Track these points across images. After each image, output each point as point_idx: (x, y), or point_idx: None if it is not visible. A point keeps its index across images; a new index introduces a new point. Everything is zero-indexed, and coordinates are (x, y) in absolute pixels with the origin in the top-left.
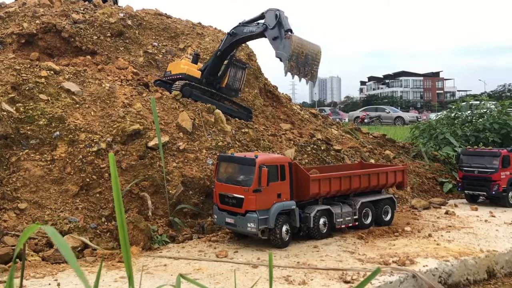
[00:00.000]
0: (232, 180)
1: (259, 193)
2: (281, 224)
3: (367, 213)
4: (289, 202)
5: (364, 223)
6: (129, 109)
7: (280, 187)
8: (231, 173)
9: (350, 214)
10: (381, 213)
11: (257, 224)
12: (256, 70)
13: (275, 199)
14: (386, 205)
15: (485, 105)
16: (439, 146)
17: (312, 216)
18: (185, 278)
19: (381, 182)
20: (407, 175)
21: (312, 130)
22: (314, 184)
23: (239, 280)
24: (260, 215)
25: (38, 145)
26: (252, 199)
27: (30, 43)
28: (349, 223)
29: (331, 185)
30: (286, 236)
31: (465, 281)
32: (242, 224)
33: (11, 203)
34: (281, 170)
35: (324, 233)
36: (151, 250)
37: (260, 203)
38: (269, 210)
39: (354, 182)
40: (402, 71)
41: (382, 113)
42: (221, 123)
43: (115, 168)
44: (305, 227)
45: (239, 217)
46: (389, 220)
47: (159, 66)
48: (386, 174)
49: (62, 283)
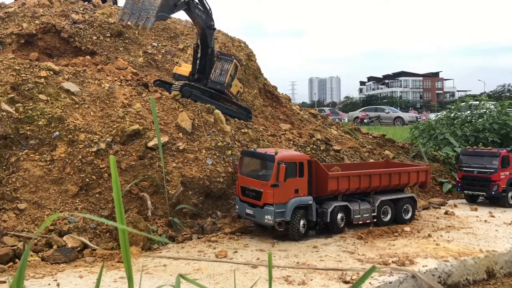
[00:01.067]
0: (252, 174)
1: (276, 188)
2: (298, 218)
3: (386, 211)
4: (306, 197)
5: (383, 220)
6: (128, 109)
7: (298, 183)
8: (252, 167)
9: (368, 211)
10: (401, 211)
11: (274, 217)
12: (255, 70)
13: (292, 194)
14: (407, 204)
15: (484, 105)
16: (438, 146)
17: (330, 212)
18: (185, 278)
19: (402, 181)
20: (430, 176)
21: (311, 130)
22: (332, 181)
23: (239, 280)
24: (277, 209)
25: (38, 145)
26: (270, 193)
27: (29, 43)
28: (367, 220)
29: (349, 183)
30: (303, 229)
31: (464, 281)
32: (260, 216)
33: (10, 203)
34: (299, 167)
35: (341, 227)
36: (150, 250)
37: (277, 197)
38: (286, 204)
39: (374, 181)
40: (401, 71)
41: (382, 113)
42: (221, 123)
43: (115, 170)
44: (321, 221)
45: (257, 209)
46: (409, 218)
47: (158, 66)
48: (408, 174)
49: (61, 283)
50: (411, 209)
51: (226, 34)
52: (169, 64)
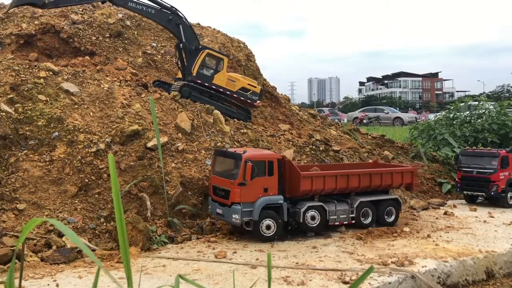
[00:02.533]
0: (223, 173)
1: (243, 187)
2: (264, 217)
3: (366, 213)
4: (276, 196)
5: (363, 223)
6: (128, 109)
7: (267, 182)
8: (223, 167)
9: (345, 212)
10: (383, 213)
11: (241, 216)
12: (255, 71)
13: (261, 193)
14: (390, 206)
15: (483, 105)
16: (437, 146)
17: (302, 212)
18: (184, 278)
19: (385, 182)
20: (417, 177)
21: (311, 131)
22: (305, 181)
23: (238, 281)
24: (244, 208)
25: (37, 146)
26: (237, 191)
27: (29, 44)
28: (344, 221)
29: (325, 183)
30: (268, 232)
31: (464, 282)
32: (228, 215)
33: (10, 204)
34: (269, 166)
35: (314, 227)
36: (150, 250)
37: (244, 196)
38: (254, 203)
39: (352, 182)
40: (401, 72)
41: (381, 113)
42: (220, 124)
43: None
44: (293, 221)
45: (226, 208)
46: (392, 222)
47: (158, 66)
48: (391, 175)
49: (61, 283)
50: (395, 212)
51: (225, 34)
52: (168, 64)
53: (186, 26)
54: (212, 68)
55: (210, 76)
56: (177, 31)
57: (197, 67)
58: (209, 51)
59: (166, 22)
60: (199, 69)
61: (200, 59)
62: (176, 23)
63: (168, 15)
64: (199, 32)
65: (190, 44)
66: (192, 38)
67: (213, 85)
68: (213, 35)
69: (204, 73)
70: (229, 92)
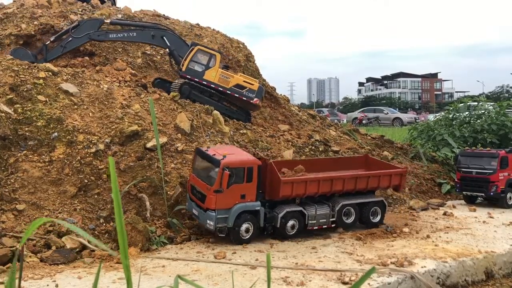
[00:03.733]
0: (201, 174)
1: (220, 194)
2: (242, 223)
3: (349, 212)
4: (253, 203)
5: (345, 222)
6: (127, 110)
7: (245, 188)
8: (201, 167)
9: (326, 216)
10: (368, 214)
11: (215, 223)
12: (254, 71)
13: (237, 200)
14: (375, 206)
15: (483, 106)
16: (437, 147)
17: (280, 217)
18: (183, 279)
19: (371, 185)
20: (406, 179)
21: (310, 131)
22: (285, 186)
23: (237, 281)
24: (219, 214)
25: (36, 146)
26: (213, 198)
27: (28, 44)
28: (324, 225)
29: (306, 188)
30: (246, 234)
31: (463, 282)
32: (203, 219)
33: (9, 204)
34: (248, 172)
35: (292, 234)
36: (149, 251)
37: (220, 203)
38: (230, 210)
39: (336, 185)
40: (400, 72)
41: (380, 114)
42: (219, 124)
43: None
44: (270, 226)
45: (201, 211)
46: (378, 222)
47: (157, 67)
48: (378, 178)
49: (60, 284)
50: (380, 212)
51: (224, 35)
52: (168, 65)
53: (170, 34)
54: (203, 64)
55: (201, 72)
56: (162, 43)
57: (187, 63)
58: (200, 47)
59: (150, 39)
60: (189, 65)
61: (191, 55)
62: (160, 37)
63: (150, 32)
64: (199, 32)
65: (178, 50)
66: (180, 44)
67: (204, 80)
68: (212, 36)
69: (195, 69)
70: (221, 89)
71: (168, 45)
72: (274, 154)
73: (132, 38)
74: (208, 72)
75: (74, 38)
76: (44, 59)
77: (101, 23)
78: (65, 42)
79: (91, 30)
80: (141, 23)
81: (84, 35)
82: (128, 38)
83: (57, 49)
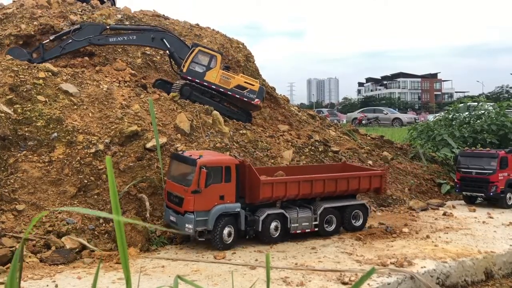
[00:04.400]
0: (177, 178)
1: (198, 194)
2: (223, 226)
3: (330, 220)
4: (233, 204)
5: (326, 230)
6: (127, 110)
7: (224, 189)
8: (177, 171)
9: (308, 219)
10: (349, 218)
11: (194, 225)
12: (254, 71)
13: (216, 201)
14: (356, 210)
15: (483, 106)
16: (437, 147)
17: (262, 220)
18: (183, 279)
19: (351, 187)
20: (386, 181)
21: (310, 132)
22: (265, 188)
23: (237, 282)
24: (198, 217)
25: (36, 147)
26: (191, 199)
27: (28, 45)
28: (306, 229)
29: (287, 190)
30: (228, 238)
31: (463, 282)
32: (181, 223)
33: (9, 205)
34: (226, 171)
35: (275, 237)
36: (149, 251)
37: (198, 205)
38: (209, 212)
39: (316, 187)
40: (400, 72)
41: (380, 114)
42: (219, 125)
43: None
44: (252, 230)
45: (179, 216)
46: (360, 226)
47: (157, 67)
48: (358, 179)
49: (59, 284)
50: (362, 216)
51: (224, 35)
52: (167, 65)
53: (170, 36)
54: (204, 65)
55: (202, 73)
56: (162, 45)
57: (188, 64)
58: (200, 48)
59: (150, 42)
60: (190, 66)
61: (192, 56)
62: (160, 39)
63: (150, 34)
64: (198, 33)
65: (178, 51)
66: (180, 45)
67: (204, 81)
68: (212, 36)
69: (196, 70)
70: (222, 90)
71: (168, 47)
72: (274, 154)
73: (132, 41)
74: (209, 73)
75: (74, 40)
76: (41, 58)
77: (103, 28)
78: (64, 43)
79: (92, 35)
80: (140, 26)
81: (85, 39)
82: (128, 42)
83: (56, 49)
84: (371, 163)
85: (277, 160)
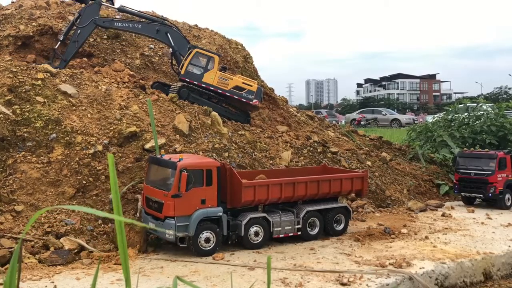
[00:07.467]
0: (156, 183)
1: (178, 199)
2: (203, 229)
3: (313, 223)
4: (215, 209)
5: (309, 234)
6: (125, 111)
7: (205, 192)
8: (156, 176)
9: (291, 223)
10: (331, 222)
11: (175, 231)
12: (252, 72)
13: (198, 205)
14: (339, 214)
15: (482, 107)
16: (435, 148)
17: (244, 224)
18: (182, 280)
19: (333, 189)
20: (367, 183)
21: (308, 132)
22: (247, 191)
23: (236, 283)
24: (179, 222)
25: (35, 147)
26: (171, 204)
27: (26, 45)
28: (289, 233)
29: (269, 193)
30: (208, 245)
31: (461, 283)
32: (161, 230)
33: (7, 206)
34: (207, 175)
35: (258, 243)
36: (147, 252)
37: (179, 209)
38: (190, 217)
39: (298, 190)
40: (398, 73)
41: (379, 115)
42: (218, 125)
43: (114, 170)
44: (234, 235)
45: (159, 222)
46: (342, 230)
47: (155, 68)
48: (340, 181)
49: (58, 285)
50: (344, 220)
51: (223, 36)
52: (166, 66)
53: (175, 32)
54: (202, 67)
55: (200, 74)
56: (166, 40)
57: (185, 66)
58: (198, 50)
59: (154, 33)
60: (188, 68)
61: (189, 58)
62: (165, 32)
63: (155, 26)
64: (197, 33)
65: (181, 49)
66: (183, 43)
67: (203, 83)
68: (210, 37)
69: (194, 72)
70: (221, 91)
71: (171, 43)
72: (273, 155)
73: (137, 30)
74: (206, 75)
75: (81, 28)
76: (64, 61)
77: (99, 4)
78: (75, 36)
79: (94, 15)
80: (148, 15)
81: (90, 21)
82: (132, 29)
83: (71, 46)
84: (370, 164)
85: (276, 161)
